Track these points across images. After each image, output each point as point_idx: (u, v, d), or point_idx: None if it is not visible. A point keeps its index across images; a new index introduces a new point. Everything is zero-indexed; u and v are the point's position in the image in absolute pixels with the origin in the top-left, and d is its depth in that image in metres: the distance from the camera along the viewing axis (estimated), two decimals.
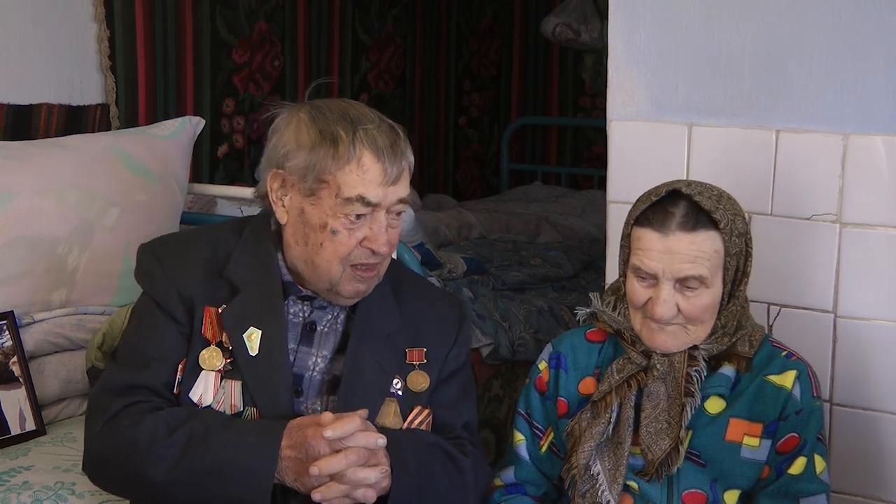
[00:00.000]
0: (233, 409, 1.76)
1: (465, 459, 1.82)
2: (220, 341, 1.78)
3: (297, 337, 1.82)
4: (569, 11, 4.32)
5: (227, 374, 1.77)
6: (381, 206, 1.74)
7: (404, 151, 1.77)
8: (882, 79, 2.03)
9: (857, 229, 2.08)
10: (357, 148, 1.72)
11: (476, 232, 4.04)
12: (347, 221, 1.73)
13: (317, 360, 1.82)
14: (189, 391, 1.76)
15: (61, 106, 2.92)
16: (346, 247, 1.74)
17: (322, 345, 1.82)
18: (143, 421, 1.70)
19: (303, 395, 1.79)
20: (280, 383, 1.76)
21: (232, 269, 1.81)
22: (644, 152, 2.27)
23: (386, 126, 1.77)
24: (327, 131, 1.73)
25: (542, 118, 5.15)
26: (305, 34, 4.05)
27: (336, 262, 1.75)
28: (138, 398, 1.74)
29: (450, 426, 1.86)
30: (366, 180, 1.72)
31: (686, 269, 1.77)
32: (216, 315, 1.78)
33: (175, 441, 1.68)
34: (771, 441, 1.83)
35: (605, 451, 1.86)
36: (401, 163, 1.75)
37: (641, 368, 1.86)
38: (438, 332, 1.88)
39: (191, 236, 1.93)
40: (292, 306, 1.83)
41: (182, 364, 1.78)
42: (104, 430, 1.73)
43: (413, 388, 1.83)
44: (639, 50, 2.26)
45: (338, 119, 1.75)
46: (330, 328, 1.84)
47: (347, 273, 1.76)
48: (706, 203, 1.78)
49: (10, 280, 2.29)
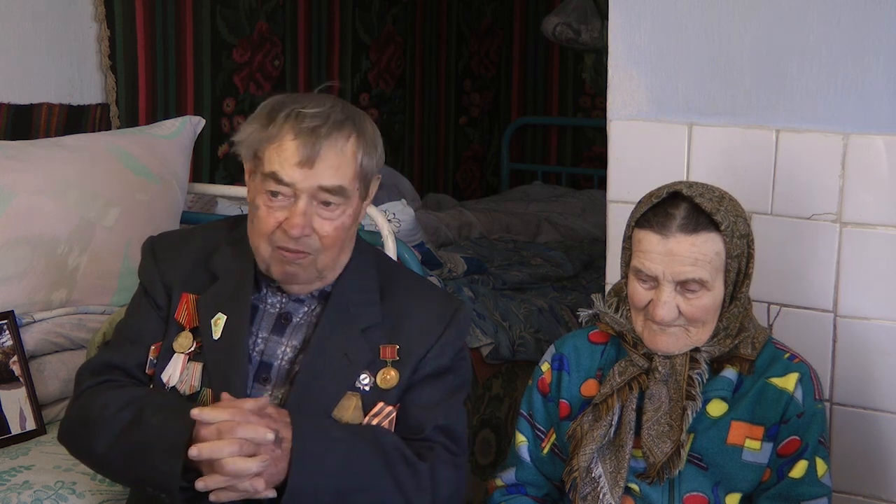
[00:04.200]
0: (192, 389, 1.81)
1: (420, 463, 1.77)
2: (196, 327, 1.84)
3: (270, 326, 1.85)
4: (569, 11, 4.32)
5: (194, 356, 1.83)
6: (300, 190, 1.74)
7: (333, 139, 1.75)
8: (882, 78, 2.03)
9: (857, 229, 2.08)
10: (282, 127, 1.75)
11: (476, 232, 4.04)
12: (266, 198, 1.77)
13: (286, 349, 1.83)
14: (161, 372, 1.83)
15: (61, 106, 2.92)
16: (266, 224, 1.77)
17: (293, 335, 1.84)
18: (101, 396, 1.79)
19: (270, 382, 1.82)
20: (235, 367, 1.79)
21: (216, 260, 1.88)
22: (644, 152, 2.27)
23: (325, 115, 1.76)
24: (271, 112, 1.78)
25: (542, 118, 5.14)
26: (306, 34, 4.05)
27: (261, 240, 1.79)
28: (110, 377, 1.84)
29: (419, 427, 1.82)
30: (282, 159, 1.74)
31: (686, 272, 1.76)
32: (193, 301, 1.85)
33: (118, 419, 1.74)
34: (772, 444, 1.82)
35: (606, 453, 1.85)
36: (317, 147, 1.73)
37: (643, 371, 1.86)
38: (420, 330, 1.85)
39: (191, 230, 2.02)
40: (270, 297, 1.86)
41: (156, 346, 1.85)
42: (74, 403, 1.85)
43: (381, 384, 1.82)
44: (639, 50, 2.26)
45: (289, 102, 1.78)
46: (305, 320, 1.85)
47: (275, 254, 1.78)
48: (707, 205, 1.78)
49: (11, 280, 2.29)
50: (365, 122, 1.82)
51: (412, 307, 1.87)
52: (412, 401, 1.83)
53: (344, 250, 1.85)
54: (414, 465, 1.77)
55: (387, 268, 1.93)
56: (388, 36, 4.51)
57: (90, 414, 1.78)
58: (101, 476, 1.97)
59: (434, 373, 1.85)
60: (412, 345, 1.84)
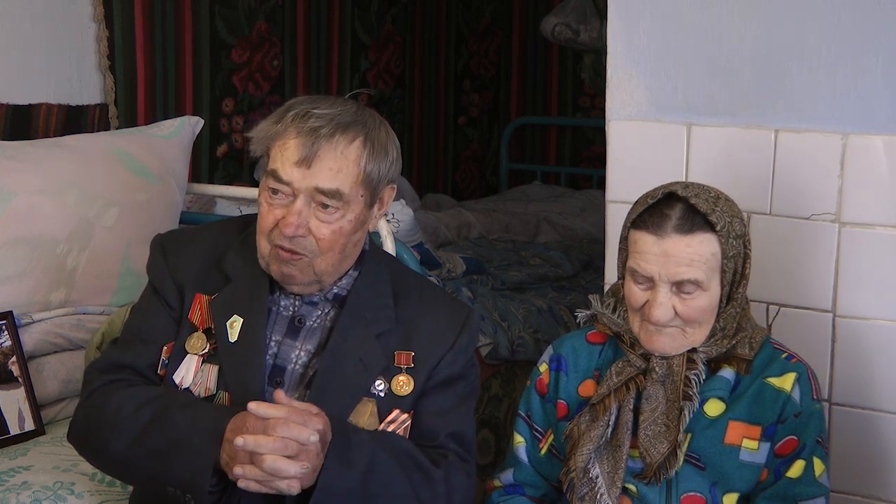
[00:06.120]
0: (207, 392, 1.80)
1: (435, 470, 1.78)
2: (209, 328, 1.83)
3: (284, 330, 1.84)
4: (568, 11, 4.33)
5: (208, 358, 1.82)
6: (297, 189, 1.74)
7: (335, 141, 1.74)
8: (881, 79, 2.03)
9: (856, 229, 2.08)
10: (289, 126, 1.76)
11: (475, 232, 4.04)
12: (267, 195, 1.77)
13: (300, 353, 1.82)
14: (173, 373, 1.82)
15: (61, 106, 2.92)
16: (266, 221, 1.77)
17: (307, 339, 1.83)
18: (115, 396, 1.77)
19: (284, 386, 1.81)
20: (253, 371, 1.78)
21: (228, 260, 1.87)
22: (643, 152, 2.27)
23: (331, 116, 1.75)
24: (284, 111, 1.78)
25: (541, 118, 5.15)
26: (305, 34, 4.05)
27: (262, 237, 1.79)
28: (120, 376, 1.82)
29: (433, 434, 1.82)
30: (283, 157, 1.75)
31: (682, 273, 1.76)
32: (207, 302, 1.84)
33: (138, 418, 1.73)
34: (770, 444, 1.82)
35: (603, 453, 1.85)
36: (315, 148, 1.73)
37: (640, 371, 1.86)
38: (433, 337, 1.85)
39: (200, 229, 2.00)
40: (283, 300, 1.85)
41: (168, 346, 1.84)
42: (84, 402, 1.82)
43: (396, 391, 1.82)
44: (638, 50, 2.26)
45: (305, 102, 1.79)
46: (319, 324, 1.85)
47: (274, 253, 1.78)
48: (702, 205, 1.77)
49: (10, 280, 2.29)
50: (379, 129, 1.80)
51: (425, 314, 1.87)
52: (425, 408, 1.83)
53: (346, 257, 1.83)
54: (428, 472, 1.77)
55: (400, 275, 1.92)
56: (388, 36, 4.51)
57: (105, 414, 1.75)
58: (112, 477, 1.94)
59: (446, 380, 1.85)
60: (426, 352, 1.84)
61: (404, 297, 1.88)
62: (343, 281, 1.86)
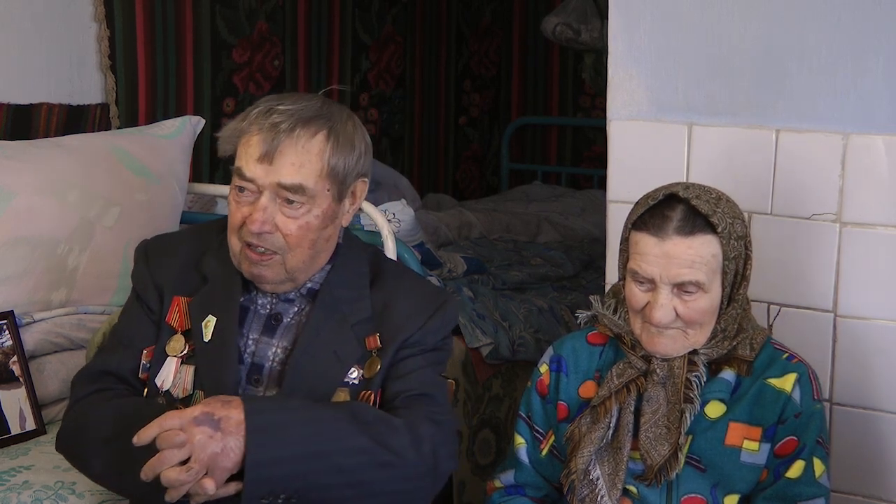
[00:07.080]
0: (185, 392, 1.81)
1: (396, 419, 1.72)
2: (188, 329, 1.84)
3: (261, 328, 1.84)
4: (569, 11, 4.32)
5: (186, 359, 1.83)
6: (261, 186, 1.74)
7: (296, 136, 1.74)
8: (882, 78, 2.03)
9: (857, 229, 2.08)
10: (252, 123, 1.77)
11: (476, 231, 4.03)
12: (235, 193, 1.78)
13: (276, 350, 1.83)
14: (155, 377, 1.83)
15: (61, 106, 2.92)
16: (234, 218, 1.78)
17: (283, 336, 1.84)
18: (93, 412, 1.79)
19: (262, 383, 1.82)
20: (226, 369, 1.79)
21: (206, 262, 1.88)
22: (644, 152, 2.27)
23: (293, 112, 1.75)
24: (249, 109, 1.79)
25: (542, 118, 5.14)
26: (305, 34, 4.05)
27: (232, 234, 1.80)
28: (104, 385, 1.83)
29: (394, 394, 1.79)
30: (247, 154, 1.76)
31: (683, 275, 1.76)
32: (185, 305, 1.85)
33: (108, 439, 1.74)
34: (770, 445, 1.82)
35: (604, 455, 1.85)
36: (276, 143, 1.73)
37: (641, 373, 1.86)
38: (402, 319, 1.83)
39: (183, 232, 2.02)
40: (260, 298, 1.86)
41: (149, 350, 1.85)
42: (69, 413, 1.86)
43: (367, 374, 1.81)
44: (639, 50, 2.26)
45: (271, 100, 1.79)
46: (295, 321, 1.85)
47: (244, 253, 1.79)
48: (703, 207, 1.77)
49: (10, 280, 2.29)
50: (345, 122, 1.80)
51: (399, 297, 1.86)
52: (388, 377, 1.81)
53: (319, 252, 1.82)
54: (389, 422, 1.72)
55: (379, 263, 1.92)
56: (388, 36, 4.51)
57: (86, 432, 1.78)
58: None
59: (420, 351, 1.83)
60: (395, 331, 1.82)
61: (380, 282, 1.88)
62: (317, 276, 1.86)
